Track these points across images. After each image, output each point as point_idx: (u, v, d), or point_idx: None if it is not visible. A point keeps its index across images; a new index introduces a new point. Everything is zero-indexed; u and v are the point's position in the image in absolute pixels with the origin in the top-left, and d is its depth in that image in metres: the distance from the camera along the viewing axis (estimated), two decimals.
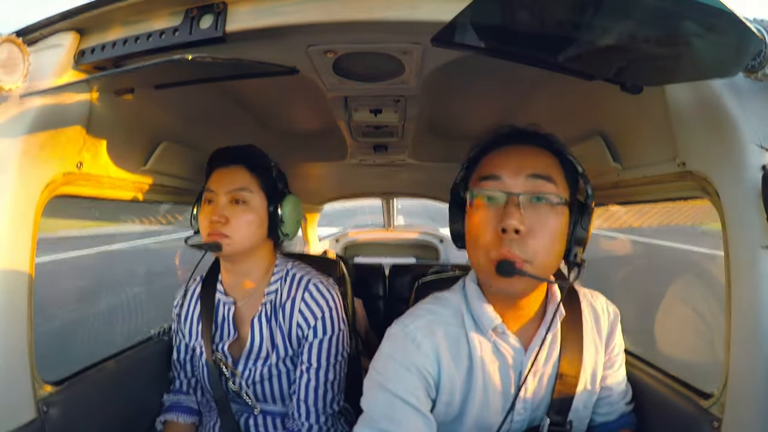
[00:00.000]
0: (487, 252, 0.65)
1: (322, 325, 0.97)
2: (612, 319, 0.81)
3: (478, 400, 0.72)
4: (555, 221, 0.65)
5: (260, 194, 0.97)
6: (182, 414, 1.07)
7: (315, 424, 0.96)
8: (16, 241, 0.69)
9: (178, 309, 1.08)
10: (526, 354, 0.73)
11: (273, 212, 0.98)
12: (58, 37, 0.73)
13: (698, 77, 0.64)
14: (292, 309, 0.98)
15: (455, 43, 0.59)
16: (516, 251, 0.62)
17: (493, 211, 0.65)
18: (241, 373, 0.99)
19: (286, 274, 1.03)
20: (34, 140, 0.70)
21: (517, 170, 0.66)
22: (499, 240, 0.63)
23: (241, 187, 0.94)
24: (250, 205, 0.95)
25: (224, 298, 1.02)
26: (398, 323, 0.74)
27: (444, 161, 1.75)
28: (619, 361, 0.82)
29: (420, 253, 3.34)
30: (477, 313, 0.73)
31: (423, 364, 0.69)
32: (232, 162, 0.97)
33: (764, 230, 0.59)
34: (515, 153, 0.69)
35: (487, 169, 0.68)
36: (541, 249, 0.64)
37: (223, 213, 0.92)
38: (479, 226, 0.66)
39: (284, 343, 0.98)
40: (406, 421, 0.65)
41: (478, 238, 0.66)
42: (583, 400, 0.77)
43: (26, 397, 0.73)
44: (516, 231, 0.62)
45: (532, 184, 0.65)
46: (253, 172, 0.97)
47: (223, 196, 0.94)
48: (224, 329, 1.01)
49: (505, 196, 0.65)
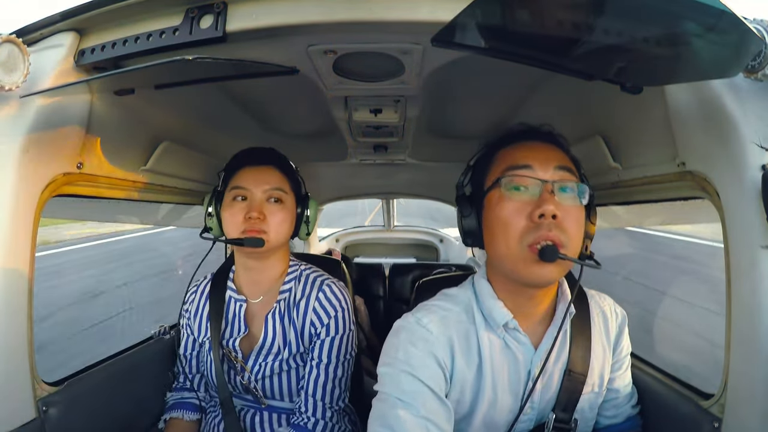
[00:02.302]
0: (520, 239, 0.65)
1: (335, 324, 1.00)
2: (620, 321, 0.81)
3: (488, 399, 0.71)
4: (579, 212, 0.67)
5: (291, 195, 1.01)
6: (187, 411, 1.08)
7: (321, 419, 0.97)
8: (16, 241, 0.69)
9: (188, 305, 1.10)
10: (536, 353, 0.72)
11: (300, 213, 1.03)
12: (58, 37, 0.73)
13: (698, 77, 0.64)
14: (306, 307, 1.01)
15: (455, 43, 0.58)
16: (560, 235, 0.63)
17: (525, 198, 0.66)
18: (250, 368, 1.01)
19: (300, 274, 1.06)
20: (34, 140, 0.70)
21: (545, 161, 0.67)
22: (534, 226, 0.64)
23: (277, 186, 0.97)
24: (285, 205, 0.98)
25: (236, 296, 1.04)
26: (411, 316, 0.73)
27: (444, 161, 1.75)
28: (626, 364, 0.82)
29: (420, 253, 3.34)
30: (488, 309, 0.72)
31: (441, 355, 0.69)
32: (265, 162, 1.00)
33: (764, 230, 0.59)
34: (538, 147, 0.70)
35: (515, 159, 0.69)
36: (572, 236, 0.65)
37: (262, 210, 0.94)
38: (511, 214, 0.66)
39: (297, 339, 1.01)
40: (435, 410, 0.65)
41: (508, 227, 0.66)
42: (590, 401, 0.77)
43: (26, 397, 0.73)
44: (553, 216, 0.63)
45: (560, 175, 0.67)
46: (284, 174, 1.01)
47: (260, 194, 0.96)
48: (235, 325, 1.03)
49: (540, 184, 0.66)
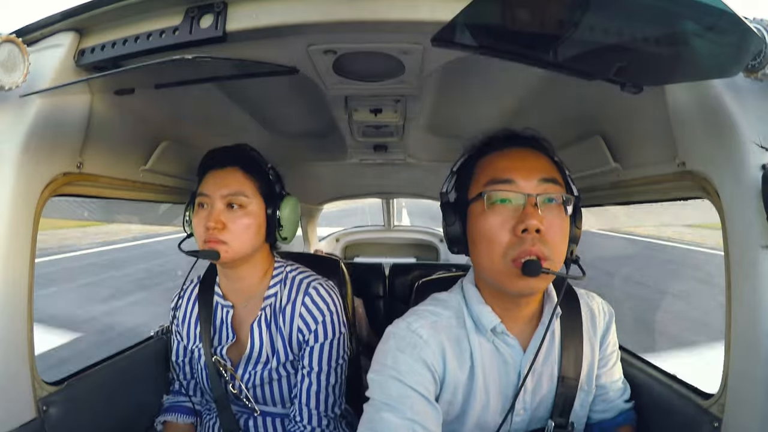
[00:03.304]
0: (504, 253, 0.65)
1: (323, 329, 0.96)
2: (607, 318, 0.82)
3: (480, 401, 0.72)
4: (563, 221, 0.67)
5: (257, 197, 0.93)
6: (181, 414, 1.07)
7: (317, 428, 0.95)
8: (16, 241, 0.69)
9: (175, 311, 1.06)
10: (525, 354, 0.73)
11: (271, 215, 0.95)
12: (58, 37, 0.73)
13: (698, 77, 0.64)
14: (292, 313, 0.96)
15: (455, 43, 0.58)
16: (544, 249, 0.63)
17: (509, 212, 0.66)
18: (240, 376, 0.98)
19: (285, 277, 1.00)
20: (34, 140, 0.70)
21: (528, 174, 0.67)
22: (518, 240, 0.64)
23: (237, 191, 0.90)
24: (248, 210, 0.91)
25: (222, 302, 1.00)
26: (402, 321, 0.74)
27: (444, 161, 1.74)
28: (613, 360, 0.82)
29: (420, 253, 3.34)
30: (476, 314, 0.73)
31: (431, 359, 0.70)
32: (227, 164, 0.93)
33: (764, 230, 0.59)
34: (521, 156, 0.70)
35: (497, 172, 0.69)
36: (556, 248, 0.66)
37: (220, 218, 0.88)
38: (494, 228, 0.66)
39: (285, 347, 0.97)
40: (423, 412, 0.65)
41: (492, 241, 0.66)
42: (580, 400, 0.77)
43: (26, 397, 0.73)
44: (537, 230, 0.63)
45: (545, 188, 0.67)
46: (249, 174, 0.93)
47: (219, 201, 0.89)
48: (223, 333, 1.00)
49: (524, 198, 0.66)
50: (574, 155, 1.05)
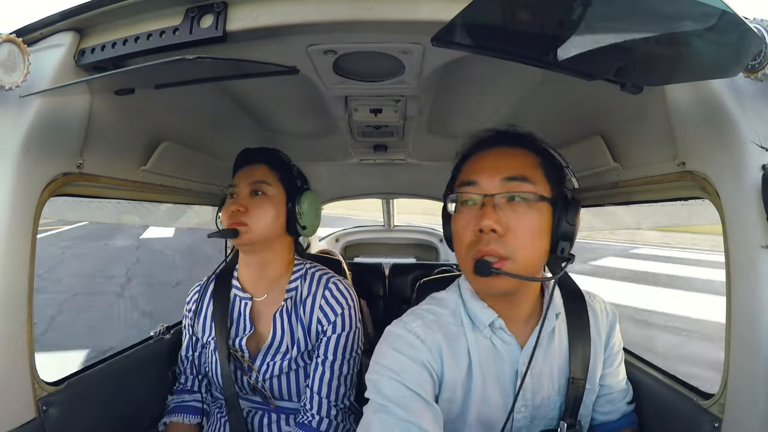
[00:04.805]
0: (467, 252, 0.67)
1: (342, 321, 1.01)
2: (611, 319, 0.82)
3: (479, 397, 0.72)
4: (533, 218, 0.66)
5: (279, 187, 1.02)
6: (187, 414, 1.07)
7: (326, 417, 0.97)
8: (16, 242, 0.69)
9: (192, 305, 1.10)
10: (522, 352, 0.73)
11: (291, 207, 1.03)
12: (58, 37, 0.73)
13: (698, 77, 0.64)
14: (312, 304, 1.02)
15: (455, 43, 0.58)
16: (498, 249, 0.64)
17: (472, 213, 0.68)
18: (258, 367, 1.01)
19: (306, 272, 1.07)
20: (34, 140, 0.69)
21: (492, 174, 0.68)
22: (477, 240, 0.66)
23: (260, 180, 1.00)
24: (269, 196, 1.00)
25: (241, 294, 1.05)
26: (399, 322, 0.75)
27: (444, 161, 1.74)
28: (618, 360, 0.83)
29: (420, 253, 3.33)
30: (473, 311, 0.74)
31: (428, 359, 0.70)
32: (254, 161, 1.04)
33: (764, 230, 0.59)
34: (493, 156, 0.71)
35: (465, 175, 0.71)
36: (521, 246, 0.65)
37: (243, 203, 0.97)
38: (461, 227, 0.69)
39: (305, 337, 1.01)
40: (420, 412, 0.65)
41: (459, 239, 0.69)
42: (586, 399, 0.77)
43: (26, 397, 0.73)
44: (492, 230, 0.64)
45: (508, 187, 0.67)
46: (273, 169, 1.03)
47: (244, 188, 1.00)
48: (240, 324, 1.03)
49: (481, 198, 0.67)
50: (574, 155, 1.05)
